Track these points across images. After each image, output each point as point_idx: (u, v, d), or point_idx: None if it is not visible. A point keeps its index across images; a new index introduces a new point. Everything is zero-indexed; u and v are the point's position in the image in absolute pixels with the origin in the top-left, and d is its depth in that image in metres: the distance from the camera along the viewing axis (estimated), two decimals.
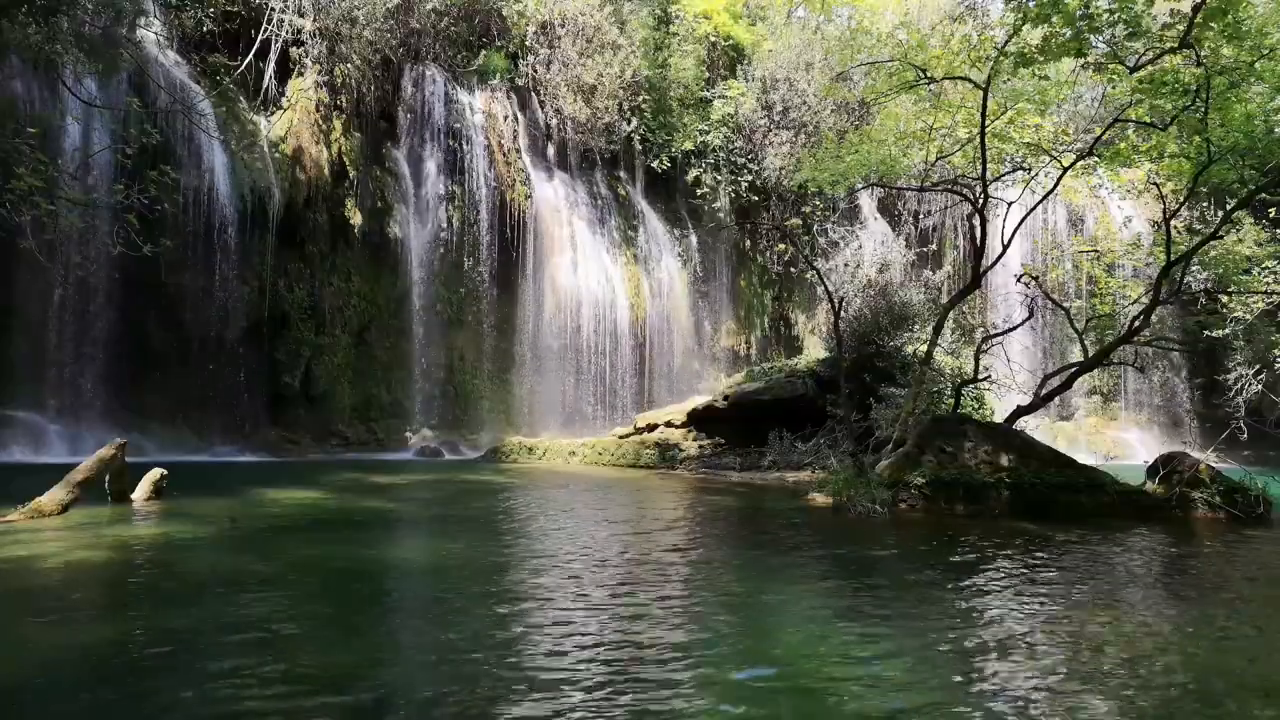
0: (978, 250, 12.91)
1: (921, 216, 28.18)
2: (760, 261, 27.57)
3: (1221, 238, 13.31)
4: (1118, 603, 5.20)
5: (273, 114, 19.61)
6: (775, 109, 26.01)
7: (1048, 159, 13.01)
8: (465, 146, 22.13)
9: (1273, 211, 17.21)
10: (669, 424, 17.98)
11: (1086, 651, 4.09)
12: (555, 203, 23.76)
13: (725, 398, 17.65)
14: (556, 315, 23.10)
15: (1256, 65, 9.82)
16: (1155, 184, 13.11)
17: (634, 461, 16.55)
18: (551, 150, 24.48)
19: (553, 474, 14.76)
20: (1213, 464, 10.53)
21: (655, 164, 25.63)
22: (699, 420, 17.64)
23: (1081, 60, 11.04)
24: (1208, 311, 18.72)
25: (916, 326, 16.98)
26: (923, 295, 18.19)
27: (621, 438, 18.05)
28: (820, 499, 10.16)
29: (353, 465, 15.68)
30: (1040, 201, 13.47)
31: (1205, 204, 21.37)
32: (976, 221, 12.59)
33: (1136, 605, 5.18)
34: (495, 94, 23.22)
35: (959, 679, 3.66)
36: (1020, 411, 11.81)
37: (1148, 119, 11.27)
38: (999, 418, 13.45)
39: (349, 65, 20.35)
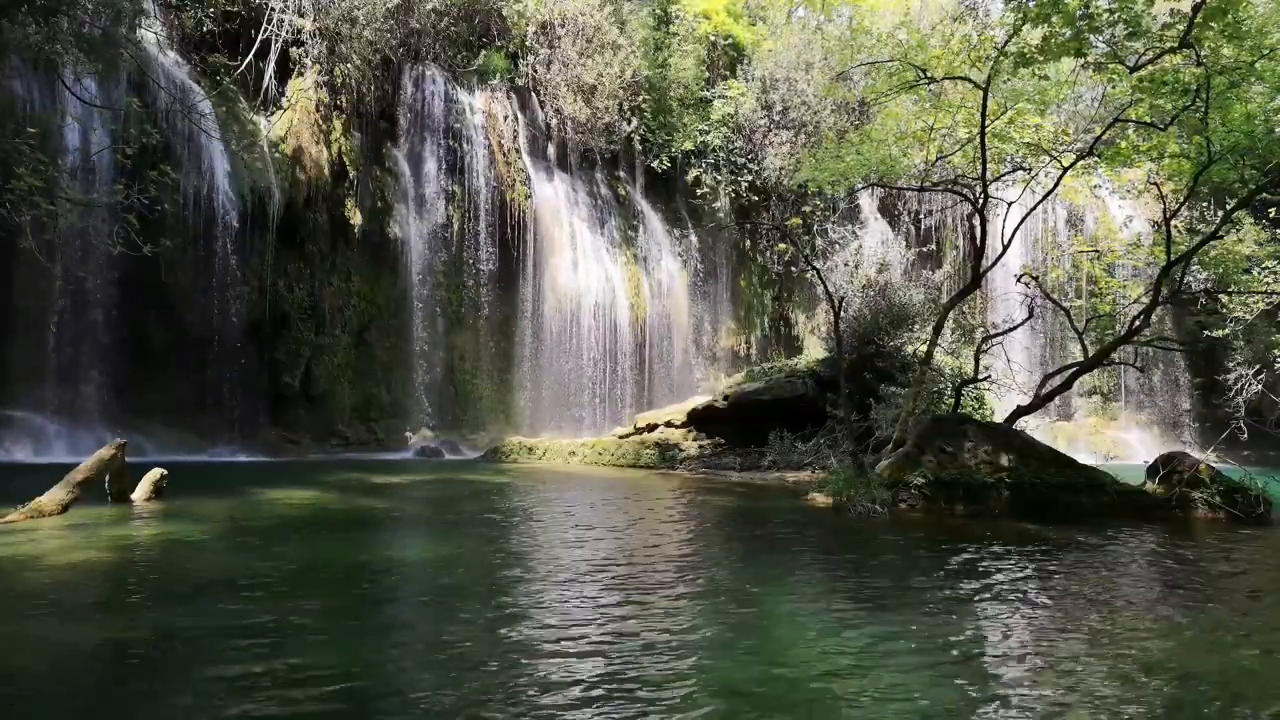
0: (978, 250, 12.90)
1: (921, 216, 28.18)
2: (760, 261, 27.57)
3: (1221, 238, 13.30)
4: (1118, 603, 5.19)
5: (273, 114, 19.61)
6: (775, 109, 26.01)
7: (1048, 159, 13.01)
8: (465, 146, 22.13)
9: (1273, 211, 17.20)
10: (669, 424, 17.97)
11: (1089, 652, 4.09)
12: (555, 203, 23.76)
13: (725, 398, 17.64)
14: (556, 315, 23.10)
15: (1256, 65, 9.81)
16: (1155, 184, 13.11)
17: (634, 461, 16.54)
18: (551, 150, 24.48)
19: (553, 474, 14.76)
20: (1213, 464, 10.52)
21: (655, 164, 25.63)
22: (699, 420, 17.63)
23: (1081, 60, 11.03)
24: (1208, 311, 18.71)
25: (916, 326, 16.97)
26: (923, 295, 18.18)
27: (621, 438, 18.04)
28: (820, 499, 10.16)
29: (353, 465, 15.68)
30: (1040, 201, 13.46)
31: (1205, 204, 21.35)
32: (976, 221, 12.59)
33: (1137, 605, 5.18)
34: (495, 94, 23.22)
35: (961, 679, 3.66)
36: (1020, 411, 11.80)
37: (1148, 119, 11.27)
38: (999, 418, 13.44)
39: (349, 65, 20.34)
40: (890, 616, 4.71)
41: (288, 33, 19.48)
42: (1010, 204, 13.09)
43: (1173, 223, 11.91)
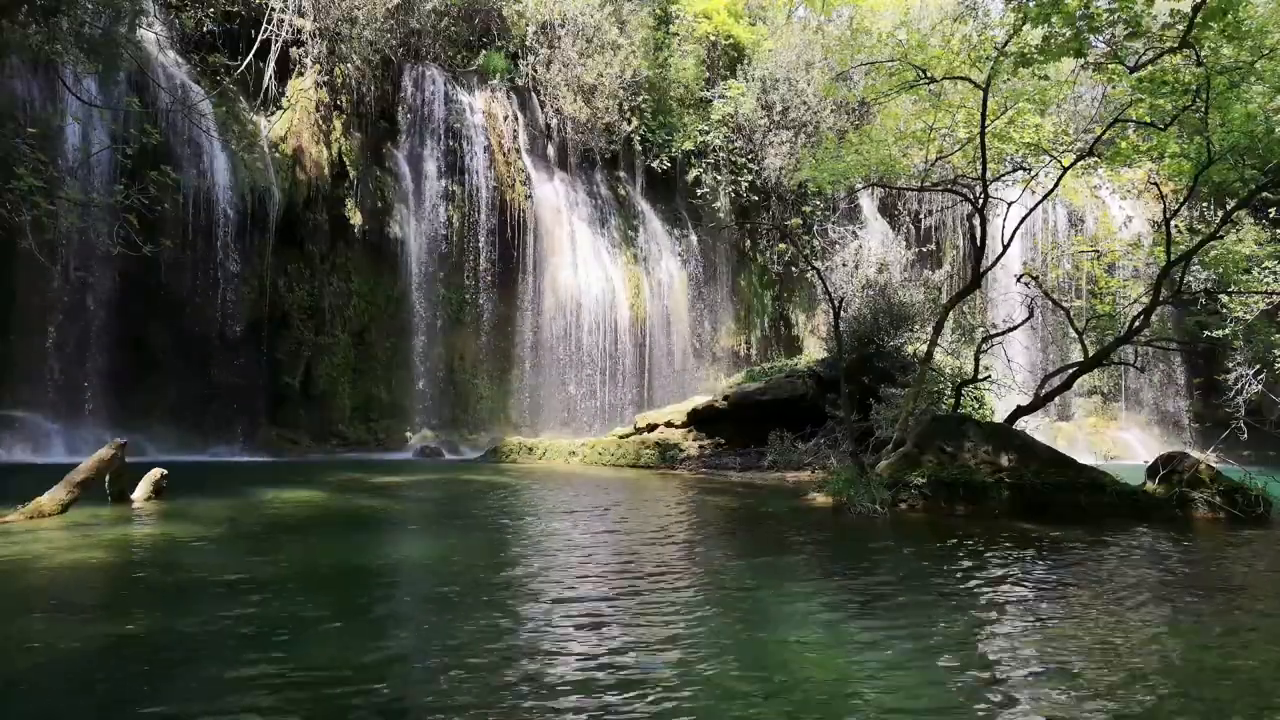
0: (978, 250, 12.91)
1: (922, 216, 28.18)
2: (760, 261, 27.57)
3: (1221, 238, 13.31)
4: (1118, 603, 5.19)
5: (273, 114, 19.61)
6: (775, 109, 26.01)
7: (1048, 159, 13.01)
8: (465, 146, 22.14)
9: (1273, 211, 17.23)
10: (669, 424, 17.97)
11: (1088, 652, 4.09)
12: (555, 203, 23.77)
13: (725, 398, 17.65)
14: (556, 315, 23.11)
15: (1257, 65, 9.82)
16: (1155, 184, 13.12)
17: (634, 461, 16.54)
18: (551, 150, 24.48)
19: (553, 474, 14.76)
20: (1213, 464, 10.52)
21: (655, 164, 25.63)
22: (699, 420, 17.63)
23: (1081, 60, 11.03)
24: (1208, 311, 18.72)
25: (916, 326, 16.96)
26: (923, 295, 18.16)
27: (621, 438, 18.04)
28: (820, 499, 10.16)
29: (353, 465, 15.68)
30: (1040, 201, 13.47)
31: (1205, 204, 21.36)
32: (976, 221, 12.60)
33: (1137, 605, 5.18)
34: (495, 94, 23.22)
35: (961, 679, 3.66)
36: (1020, 411, 11.80)
37: (1148, 119, 11.27)
38: (999, 418, 13.44)
39: (349, 65, 20.35)
40: (891, 616, 4.70)
41: (288, 33, 19.48)
42: (1010, 204, 13.09)
43: (1173, 223, 11.91)
